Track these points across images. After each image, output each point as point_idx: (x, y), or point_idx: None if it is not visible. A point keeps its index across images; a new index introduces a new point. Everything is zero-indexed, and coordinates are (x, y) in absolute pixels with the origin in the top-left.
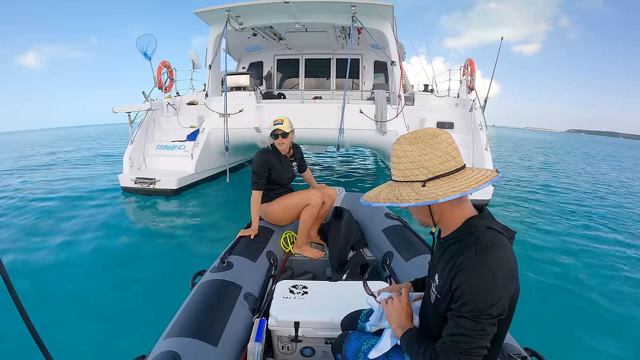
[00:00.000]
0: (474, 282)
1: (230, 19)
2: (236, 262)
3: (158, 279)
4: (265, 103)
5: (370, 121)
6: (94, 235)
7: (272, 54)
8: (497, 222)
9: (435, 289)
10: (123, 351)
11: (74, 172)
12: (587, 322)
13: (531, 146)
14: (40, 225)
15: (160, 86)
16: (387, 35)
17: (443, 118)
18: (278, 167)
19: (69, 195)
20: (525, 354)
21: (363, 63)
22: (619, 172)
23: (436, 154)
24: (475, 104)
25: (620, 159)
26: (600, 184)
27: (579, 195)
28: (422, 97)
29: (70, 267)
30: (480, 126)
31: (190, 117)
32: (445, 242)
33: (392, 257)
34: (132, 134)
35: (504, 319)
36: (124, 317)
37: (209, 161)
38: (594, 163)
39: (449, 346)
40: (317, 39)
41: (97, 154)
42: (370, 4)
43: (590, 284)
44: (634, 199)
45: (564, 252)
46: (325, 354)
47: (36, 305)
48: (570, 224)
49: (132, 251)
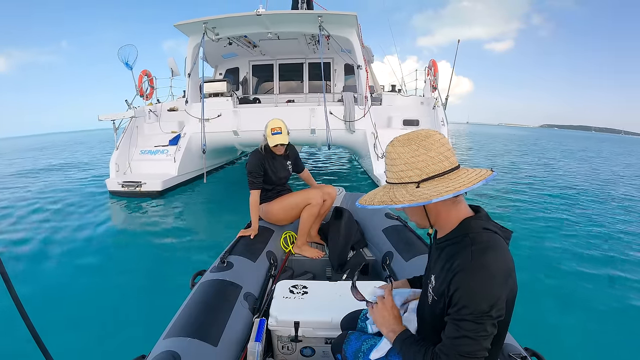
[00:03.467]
0: (473, 284)
1: (208, 30)
2: (236, 262)
3: (153, 277)
4: (242, 108)
5: (340, 121)
6: (89, 238)
7: (248, 60)
8: (493, 222)
9: (432, 290)
10: (123, 351)
11: (53, 179)
12: (587, 322)
13: (507, 141)
14: (35, 229)
15: (141, 94)
16: (353, 42)
17: (409, 116)
18: (272, 166)
19: (57, 201)
20: (525, 354)
21: (334, 66)
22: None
23: (429, 155)
24: (438, 102)
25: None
26: (595, 180)
27: (578, 194)
28: (390, 97)
29: (69, 268)
30: (442, 122)
31: (171, 123)
32: (441, 243)
33: (392, 257)
34: (117, 141)
35: (503, 320)
36: (123, 317)
37: (191, 164)
38: (578, 158)
39: (451, 350)
40: (289, 45)
41: (72, 161)
42: (335, 14)
43: (590, 284)
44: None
45: (563, 252)
46: (325, 354)
47: (35, 306)
48: (570, 224)
49: (127, 251)
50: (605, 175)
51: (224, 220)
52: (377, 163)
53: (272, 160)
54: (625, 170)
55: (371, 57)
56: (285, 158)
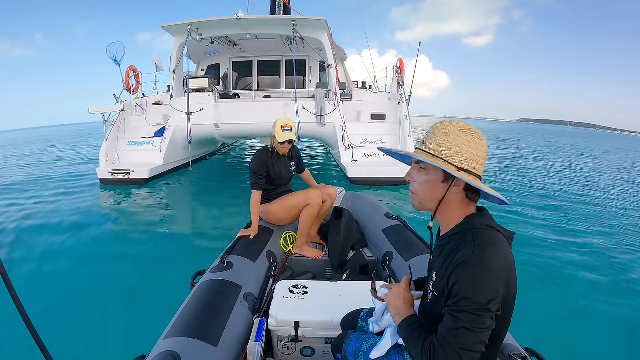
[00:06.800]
0: (473, 276)
1: (192, 31)
2: (236, 262)
3: (152, 278)
4: (223, 102)
5: (312, 115)
6: (82, 232)
7: (228, 57)
8: (495, 223)
9: (433, 286)
10: (123, 351)
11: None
12: (587, 321)
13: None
14: (30, 223)
15: (128, 89)
16: (324, 43)
17: (376, 111)
18: (277, 166)
19: (48, 191)
20: (525, 354)
21: (310, 64)
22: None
23: (477, 153)
24: (403, 98)
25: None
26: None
27: (576, 193)
28: (359, 93)
29: (66, 264)
30: (405, 117)
31: (157, 116)
32: (443, 239)
33: (392, 257)
34: (106, 132)
35: (503, 318)
36: (123, 317)
37: (175, 154)
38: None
39: (449, 342)
40: (268, 44)
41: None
42: (307, 19)
43: (590, 284)
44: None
45: (563, 252)
46: (325, 353)
47: (35, 306)
48: (570, 222)
49: (125, 250)
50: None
51: (206, 202)
52: (345, 153)
53: (276, 160)
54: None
55: (344, 56)
56: (289, 159)
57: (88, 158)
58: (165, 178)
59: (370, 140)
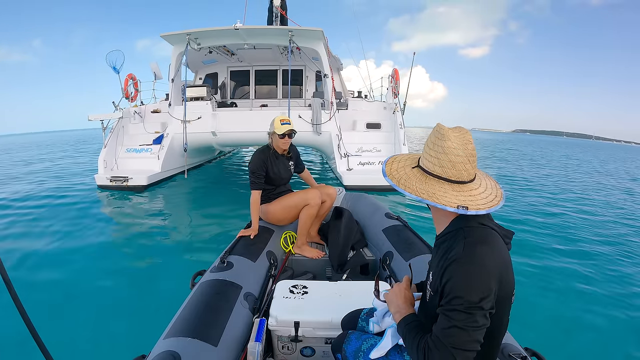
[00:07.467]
0: (464, 274)
1: (191, 41)
2: (236, 262)
3: (153, 277)
4: (220, 111)
5: (308, 124)
6: (83, 234)
7: (226, 66)
8: (492, 221)
9: (430, 286)
10: (123, 351)
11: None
12: (587, 321)
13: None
14: (29, 225)
15: (127, 96)
16: (320, 53)
17: (372, 120)
18: (275, 166)
19: (48, 196)
20: (525, 354)
21: (306, 73)
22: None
23: (448, 158)
24: (398, 107)
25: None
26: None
27: (575, 193)
28: (355, 102)
29: (67, 266)
30: (400, 126)
31: (155, 124)
32: (440, 238)
33: (392, 257)
34: (105, 139)
35: (499, 316)
36: (123, 317)
37: (173, 161)
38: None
39: (442, 341)
40: (265, 53)
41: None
42: (304, 30)
43: (590, 283)
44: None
45: (562, 251)
46: (325, 353)
47: (35, 306)
48: (569, 222)
49: (123, 249)
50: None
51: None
52: (341, 161)
53: (275, 160)
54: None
55: (340, 66)
56: (288, 159)
57: (86, 164)
58: (163, 185)
59: (365, 148)
